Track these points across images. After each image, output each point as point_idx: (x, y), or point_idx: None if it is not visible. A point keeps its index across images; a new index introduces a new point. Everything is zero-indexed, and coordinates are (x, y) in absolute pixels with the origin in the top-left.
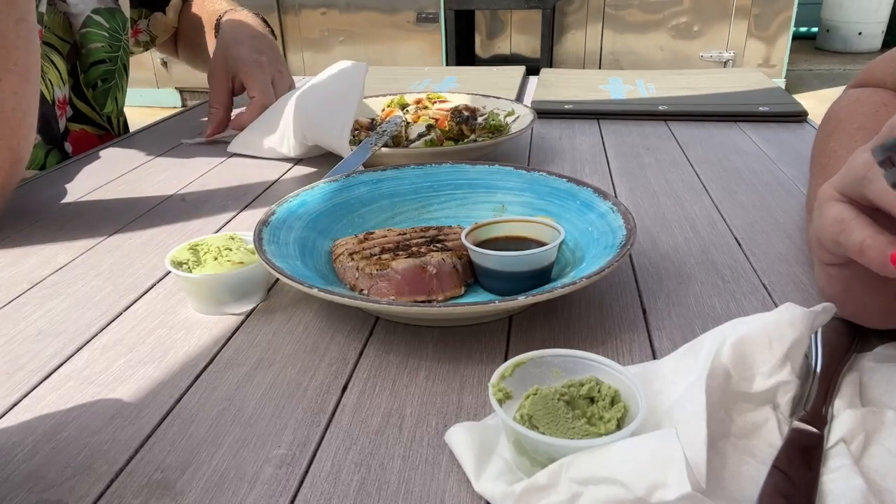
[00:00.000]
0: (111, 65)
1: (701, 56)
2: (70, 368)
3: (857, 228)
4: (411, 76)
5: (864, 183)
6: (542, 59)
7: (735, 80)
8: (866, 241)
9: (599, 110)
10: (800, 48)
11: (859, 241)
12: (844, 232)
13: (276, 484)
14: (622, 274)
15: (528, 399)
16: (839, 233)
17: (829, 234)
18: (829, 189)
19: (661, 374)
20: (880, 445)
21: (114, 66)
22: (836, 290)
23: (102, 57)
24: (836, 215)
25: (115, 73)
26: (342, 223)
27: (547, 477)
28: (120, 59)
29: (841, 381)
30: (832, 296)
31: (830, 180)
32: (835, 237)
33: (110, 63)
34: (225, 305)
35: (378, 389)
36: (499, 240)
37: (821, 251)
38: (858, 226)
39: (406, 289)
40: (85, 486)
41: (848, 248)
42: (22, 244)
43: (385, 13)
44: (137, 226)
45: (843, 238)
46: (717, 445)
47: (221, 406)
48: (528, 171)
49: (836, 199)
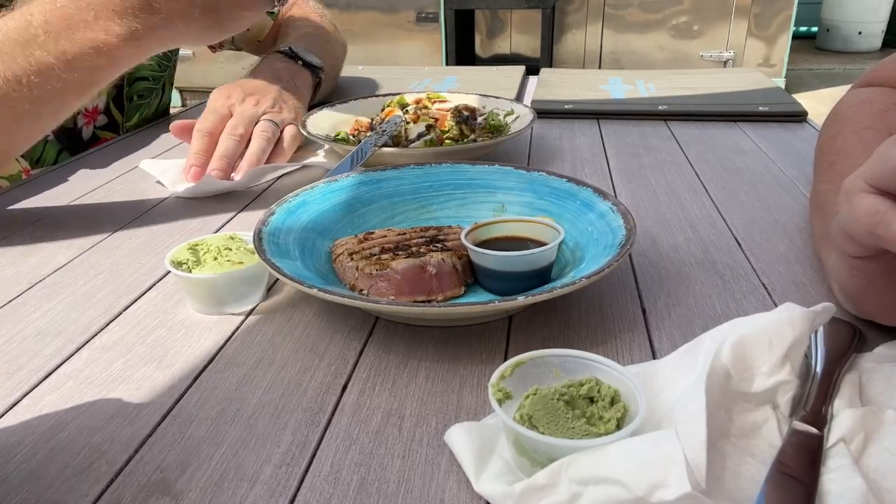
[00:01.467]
0: (153, 83)
1: (701, 56)
2: (70, 368)
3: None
4: (411, 76)
5: None
6: (542, 58)
7: (735, 80)
8: None
9: (599, 110)
10: (800, 48)
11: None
12: (882, 223)
13: (276, 484)
14: (622, 274)
15: (528, 399)
16: (875, 224)
17: (864, 226)
18: (858, 181)
19: (660, 374)
20: (880, 445)
21: (156, 84)
22: (858, 283)
23: (147, 74)
24: (869, 206)
25: (153, 93)
26: (342, 223)
27: (547, 477)
28: (163, 79)
29: (841, 380)
30: (853, 289)
31: (856, 172)
32: (870, 228)
33: (152, 82)
34: (225, 305)
35: (378, 389)
36: (499, 240)
37: (849, 243)
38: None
39: (406, 289)
40: (85, 486)
41: (887, 239)
42: (22, 244)
43: (385, 13)
44: (137, 226)
45: (882, 230)
46: (717, 445)
47: (221, 406)
48: (528, 171)
49: (866, 191)
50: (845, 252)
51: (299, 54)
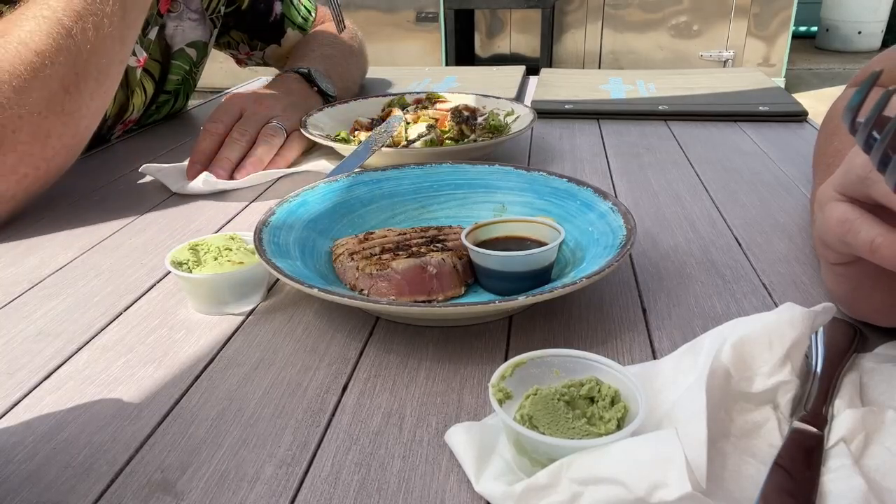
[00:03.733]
0: (170, 96)
1: (701, 55)
2: (70, 368)
3: (865, 227)
4: (411, 76)
5: (868, 183)
6: (542, 58)
7: (735, 80)
8: (877, 240)
9: (599, 110)
10: (799, 47)
11: (869, 240)
12: (851, 231)
13: (276, 484)
14: (622, 274)
15: (529, 399)
16: (845, 233)
17: (835, 235)
18: (829, 190)
19: (661, 374)
20: (880, 445)
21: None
22: (845, 289)
23: (171, 88)
24: (839, 215)
25: (165, 104)
26: (342, 223)
27: (547, 477)
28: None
29: (841, 381)
30: (841, 295)
31: (828, 180)
32: (841, 237)
33: (170, 94)
34: (225, 305)
35: (378, 389)
36: (499, 240)
37: (826, 251)
38: (865, 225)
39: (406, 289)
40: (85, 486)
41: (856, 247)
42: (22, 244)
43: (385, 12)
44: (137, 226)
45: (851, 238)
46: (717, 445)
47: (221, 406)
48: (528, 171)
49: (837, 199)
50: (826, 260)
51: (316, 80)
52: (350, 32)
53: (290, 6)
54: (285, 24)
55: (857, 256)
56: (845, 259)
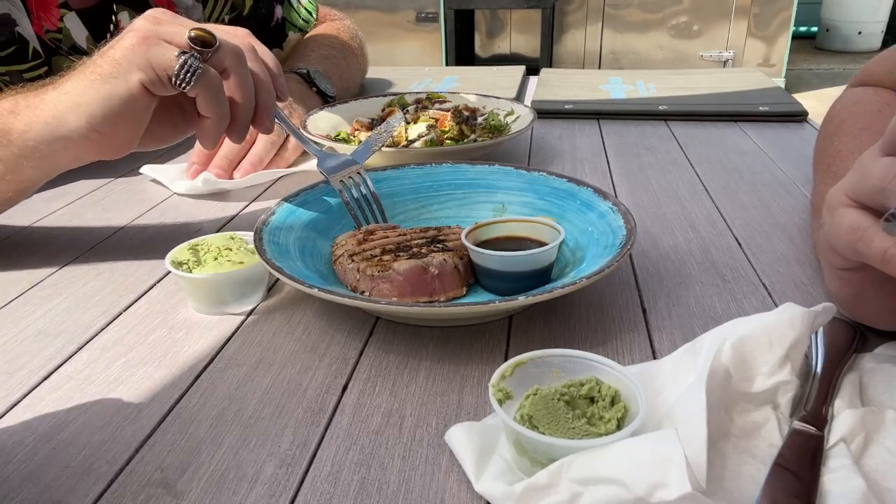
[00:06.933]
0: None
1: (701, 56)
2: (70, 368)
3: (878, 237)
4: (411, 76)
5: (887, 195)
6: (542, 58)
7: (735, 80)
8: (891, 251)
9: (599, 110)
10: (799, 48)
11: (882, 250)
12: (863, 240)
13: (276, 484)
14: (622, 274)
15: (529, 399)
16: (857, 240)
17: (845, 241)
18: (839, 195)
19: (661, 374)
20: (880, 445)
21: None
22: (847, 293)
23: None
24: (851, 222)
25: None
26: (342, 223)
27: (547, 477)
28: None
29: (841, 381)
30: (843, 299)
31: (839, 184)
32: (852, 244)
33: None
34: (225, 305)
35: (378, 389)
36: (499, 240)
37: (833, 256)
38: (878, 234)
39: (408, 290)
40: (85, 485)
41: (868, 255)
42: (22, 244)
43: (385, 12)
44: (138, 226)
45: (863, 246)
46: (717, 445)
47: (221, 406)
48: (528, 171)
49: (848, 205)
50: (832, 264)
51: (315, 80)
52: (350, 32)
53: (291, 9)
54: (287, 27)
55: (864, 263)
56: (852, 265)
